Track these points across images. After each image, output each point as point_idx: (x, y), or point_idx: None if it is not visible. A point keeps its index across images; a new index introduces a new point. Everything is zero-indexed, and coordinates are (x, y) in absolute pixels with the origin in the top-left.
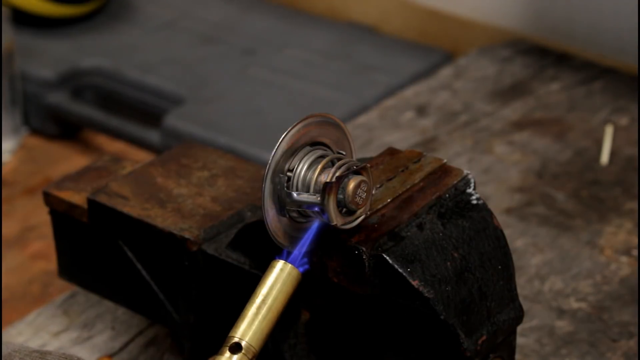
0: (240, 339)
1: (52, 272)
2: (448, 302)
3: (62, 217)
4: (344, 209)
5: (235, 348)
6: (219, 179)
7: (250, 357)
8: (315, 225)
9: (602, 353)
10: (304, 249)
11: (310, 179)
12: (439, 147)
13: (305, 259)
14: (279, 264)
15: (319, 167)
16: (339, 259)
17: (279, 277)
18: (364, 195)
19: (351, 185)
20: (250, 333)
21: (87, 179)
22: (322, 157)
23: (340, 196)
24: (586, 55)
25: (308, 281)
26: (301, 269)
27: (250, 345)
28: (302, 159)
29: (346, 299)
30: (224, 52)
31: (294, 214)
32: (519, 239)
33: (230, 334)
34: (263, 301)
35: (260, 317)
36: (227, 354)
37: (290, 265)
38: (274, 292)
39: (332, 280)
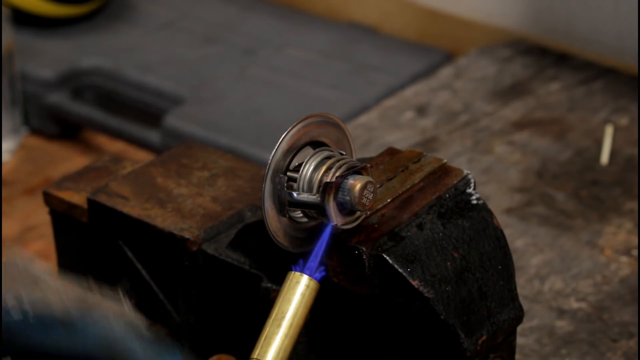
0: None
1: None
2: (448, 302)
3: (62, 217)
4: (348, 210)
5: None
6: (219, 179)
7: None
8: (327, 231)
9: (602, 353)
10: (318, 258)
11: (315, 179)
12: (439, 147)
13: (322, 267)
14: (304, 280)
15: (324, 167)
16: (339, 259)
17: (304, 294)
18: (370, 197)
19: (357, 186)
20: (280, 356)
21: (87, 179)
22: (328, 157)
23: (347, 198)
24: (586, 55)
25: None
26: (318, 278)
27: None
28: (308, 160)
29: (346, 299)
30: (224, 52)
31: (297, 214)
32: (519, 239)
33: (255, 357)
34: (289, 322)
35: (287, 338)
36: None
37: (314, 280)
38: (300, 311)
39: (332, 280)
